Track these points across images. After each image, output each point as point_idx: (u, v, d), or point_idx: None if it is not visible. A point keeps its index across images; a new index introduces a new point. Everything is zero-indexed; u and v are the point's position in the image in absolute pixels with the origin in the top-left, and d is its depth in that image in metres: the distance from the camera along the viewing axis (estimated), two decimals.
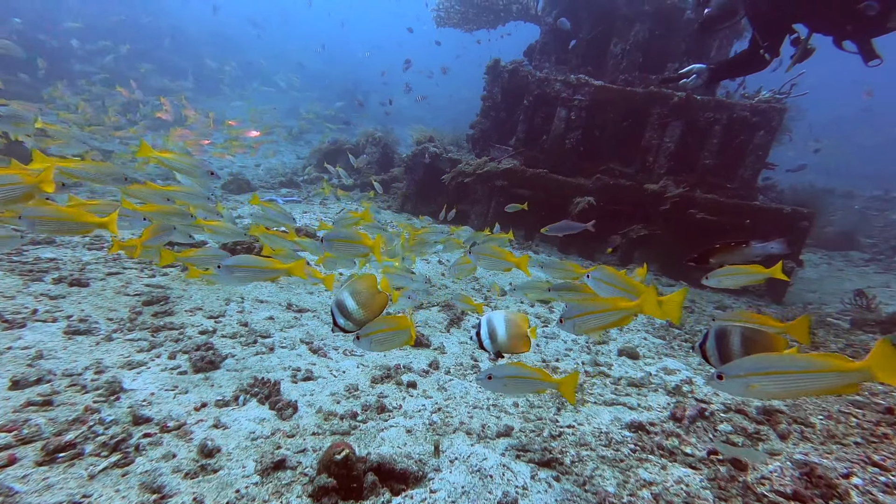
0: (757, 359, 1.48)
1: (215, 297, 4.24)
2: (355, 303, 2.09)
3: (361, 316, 2.10)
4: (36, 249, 4.68)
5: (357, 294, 2.10)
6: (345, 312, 2.08)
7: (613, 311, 2.06)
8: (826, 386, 1.41)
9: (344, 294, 2.09)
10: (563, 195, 8.58)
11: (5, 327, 3.02)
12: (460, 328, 4.48)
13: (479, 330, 2.13)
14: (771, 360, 1.45)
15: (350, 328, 2.11)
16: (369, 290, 2.13)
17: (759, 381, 1.44)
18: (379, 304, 2.15)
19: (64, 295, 3.70)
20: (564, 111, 8.60)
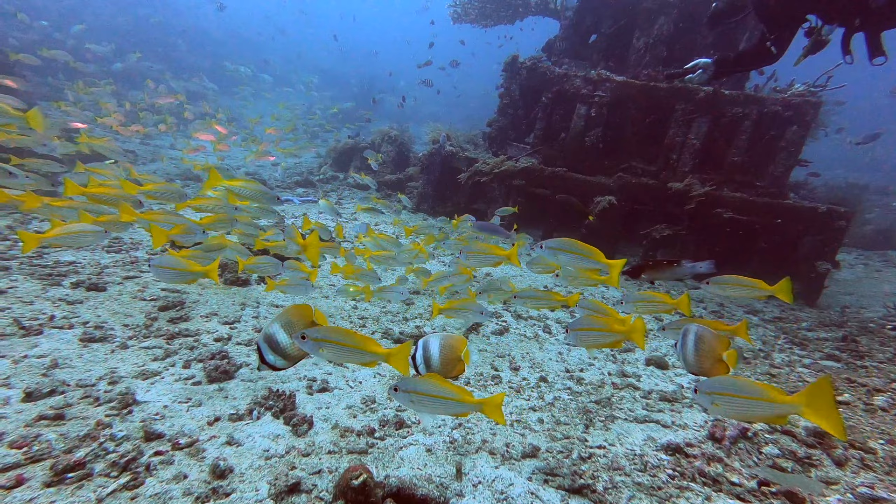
0: (723, 381, 1.66)
1: (230, 302, 4.19)
2: (288, 336, 1.81)
3: (294, 351, 1.82)
4: (56, 253, 4.70)
5: (291, 326, 1.82)
6: (276, 347, 1.79)
7: (609, 332, 2.19)
8: (763, 415, 1.55)
9: (275, 327, 1.81)
10: (583, 194, 8.34)
11: (23, 334, 3.00)
12: (479, 334, 4.33)
13: (415, 353, 2.00)
14: (732, 385, 1.63)
15: (281, 365, 1.83)
16: (304, 321, 1.85)
17: (720, 400, 1.63)
18: None
19: (81, 300, 3.68)
20: (584, 108, 8.35)
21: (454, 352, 2.00)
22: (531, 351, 4.06)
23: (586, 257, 2.55)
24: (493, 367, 3.63)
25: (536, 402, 3.12)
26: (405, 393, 1.75)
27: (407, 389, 1.75)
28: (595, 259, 2.55)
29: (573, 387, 3.38)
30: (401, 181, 11.19)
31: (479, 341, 4.14)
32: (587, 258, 2.55)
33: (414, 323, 4.36)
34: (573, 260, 2.58)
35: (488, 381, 3.40)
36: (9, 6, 16.32)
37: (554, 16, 10.57)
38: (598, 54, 9.07)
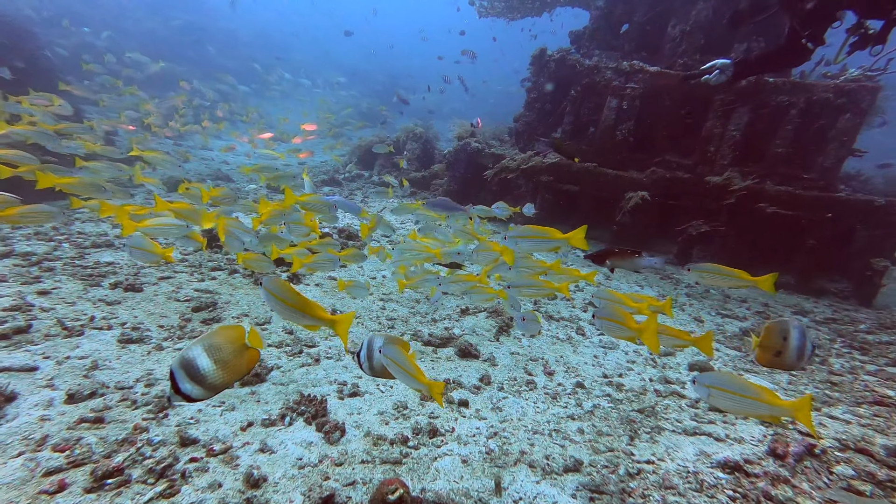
0: (722, 376, 1.76)
1: (260, 303, 4.20)
2: (211, 361, 1.54)
3: (218, 379, 1.55)
4: (96, 253, 4.84)
5: (215, 350, 1.55)
6: (195, 374, 1.51)
7: (626, 327, 2.17)
8: (760, 413, 1.71)
9: (196, 350, 1.53)
10: (614, 190, 8.06)
11: (66, 335, 3.06)
12: (510, 336, 4.21)
13: (360, 351, 1.93)
14: (731, 381, 1.74)
15: (198, 396, 1.54)
16: (233, 345, 1.59)
17: (717, 393, 1.74)
18: (246, 363, 1.63)
19: (119, 300, 3.76)
20: (615, 100, 8.04)
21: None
22: (565, 354, 3.91)
23: (544, 239, 2.65)
24: (526, 372, 3.50)
25: (574, 409, 2.98)
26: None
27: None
28: (552, 238, 2.64)
29: (613, 394, 3.22)
30: (426, 178, 11.12)
31: (510, 343, 4.01)
32: (545, 240, 2.65)
33: (443, 324, 4.28)
34: (534, 245, 2.68)
35: (522, 386, 3.28)
36: (49, 13, 17.14)
37: (583, 6, 10.24)
38: (631, 44, 8.73)
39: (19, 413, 2.21)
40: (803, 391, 3.26)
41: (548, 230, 2.73)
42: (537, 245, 2.71)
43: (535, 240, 2.69)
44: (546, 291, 3.04)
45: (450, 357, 3.67)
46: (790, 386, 3.50)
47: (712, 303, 5.77)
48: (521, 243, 2.69)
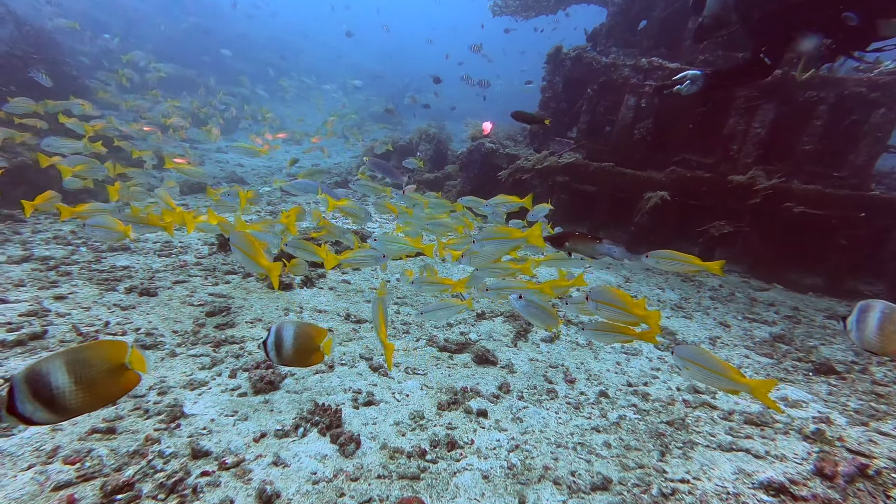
0: (697, 352, 1.95)
1: (274, 307, 4.15)
2: (71, 380, 1.29)
3: (75, 402, 1.29)
4: (112, 257, 4.85)
5: (80, 365, 1.30)
6: (43, 392, 1.24)
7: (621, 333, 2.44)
8: (722, 386, 1.90)
9: (54, 364, 1.28)
10: (632, 190, 7.86)
11: (80, 341, 3.04)
12: (528, 341, 4.08)
13: (267, 339, 1.90)
14: (703, 357, 1.93)
15: (42, 419, 1.28)
16: (105, 362, 1.36)
17: (690, 366, 1.93)
18: (119, 387, 1.40)
19: (134, 305, 3.74)
20: (633, 98, 7.85)
21: (309, 341, 1.92)
22: (586, 360, 3.77)
23: (504, 240, 2.81)
24: (546, 379, 3.37)
25: (599, 421, 2.84)
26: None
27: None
28: (513, 238, 2.80)
29: (639, 404, 3.07)
30: (438, 179, 11.03)
31: (528, 349, 3.88)
32: (505, 240, 2.81)
33: (458, 329, 4.17)
34: (498, 246, 2.84)
35: (543, 394, 3.15)
36: (71, 20, 17.53)
37: (600, 3, 10.04)
38: (649, 41, 8.51)
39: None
40: (846, 403, 3.06)
41: (508, 230, 2.96)
42: (500, 246, 2.85)
43: (498, 241, 2.83)
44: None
45: (466, 364, 3.56)
46: (830, 397, 3.30)
47: (738, 306, 5.56)
48: (486, 246, 2.82)
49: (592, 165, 7.93)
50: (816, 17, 3.34)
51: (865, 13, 3.16)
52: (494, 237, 2.84)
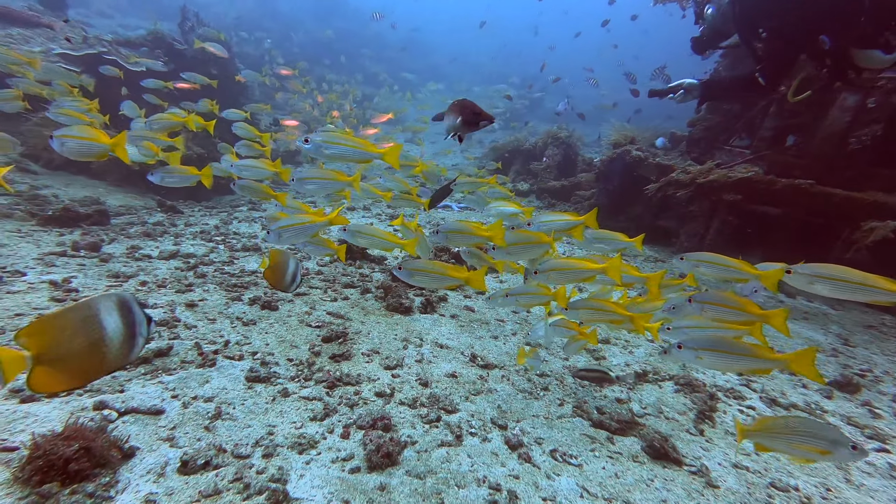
0: (707, 337, 1.90)
1: (392, 336, 3.65)
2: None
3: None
4: (244, 258, 4.86)
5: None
6: None
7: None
8: (748, 368, 1.83)
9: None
10: (840, 216, 5.94)
11: (200, 362, 2.81)
12: (717, 427, 2.96)
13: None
14: (719, 341, 1.85)
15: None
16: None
17: (706, 354, 1.84)
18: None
19: (255, 320, 3.52)
20: (854, 97, 5.90)
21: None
22: (829, 479, 2.54)
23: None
24: (768, 496, 2.27)
25: None
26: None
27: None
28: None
29: None
30: (566, 188, 9.94)
31: (722, 443, 2.77)
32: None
33: (613, 393, 3.21)
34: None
35: None
36: (231, 20, 20.12)
37: None
38: None
39: (129, 483, 1.84)
40: None
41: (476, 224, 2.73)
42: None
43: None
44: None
45: (635, 455, 2.61)
46: None
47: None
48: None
49: (781, 182, 6.18)
50: (803, 40, 3.17)
51: (836, 41, 3.04)
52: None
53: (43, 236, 4.37)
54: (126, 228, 5.14)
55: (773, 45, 3.27)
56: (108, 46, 7.41)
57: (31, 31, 7.08)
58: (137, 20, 18.46)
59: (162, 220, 5.79)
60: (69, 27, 7.64)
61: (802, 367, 1.74)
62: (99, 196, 6.09)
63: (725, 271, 2.28)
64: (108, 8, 18.50)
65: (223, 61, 9.84)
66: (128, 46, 8.44)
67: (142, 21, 17.98)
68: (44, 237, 4.35)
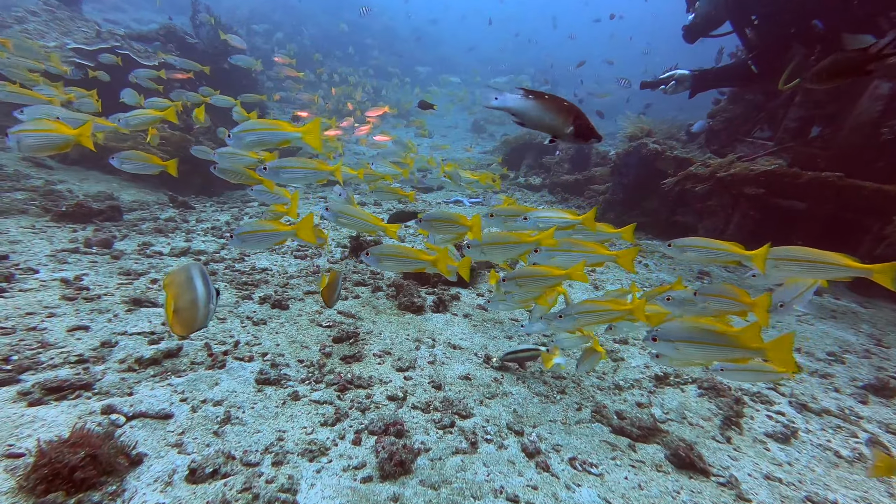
0: (685, 327, 1.83)
1: (405, 336, 3.57)
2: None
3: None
4: (255, 255, 4.82)
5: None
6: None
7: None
8: (727, 357, 1.80)
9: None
10: (871, 211, 5.68)
11: (209, 364, 2.76)
12: (745, 434, 2.83)
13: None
14: (695, 330, 1.81)
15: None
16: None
17: (683, 346, 1.81)
18: None
19: (265, 319, 3.46)
20: (888, 85, 5.61)
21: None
22: (870, 495, 2.40)
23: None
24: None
25: None
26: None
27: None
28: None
29: None
30: (579, 182, 9.75)
31: (751, 451, 2.64)
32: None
33: (631, 395, 3.09)
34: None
35: None
36: (243, 15, 20.08)
37: None
38: None
39: (136, 492, 1.79)
40: None
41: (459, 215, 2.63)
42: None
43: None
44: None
45: (659, 464, 2.50)
46: None
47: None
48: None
49: (806, 175, 5.93)
50: (795, 25, 3.11)
51: (830, 25, 3.04)
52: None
53: (56, 232, 4.38)
54: (138, 224, 5.14)
55: (766, 32, 3.22)
56: (120, 41, 7.40)
57: (45, 27, 7.10)
58: (151, 14, 18.56)
59: (174, 215, 5.78)
60: (83, 22, 7.65)
61: (779, 355, 1.74)
62: (113, 191, 6.10)
63: (713, 254, 2.29)
64: (122, 2, 18.59)
65: (234, 55, 9.80)
66: (140, 41, 8.44)
67: (154, 15, 18.07)
68: (57, 233, 4.35)
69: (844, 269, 1.93)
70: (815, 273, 2.01)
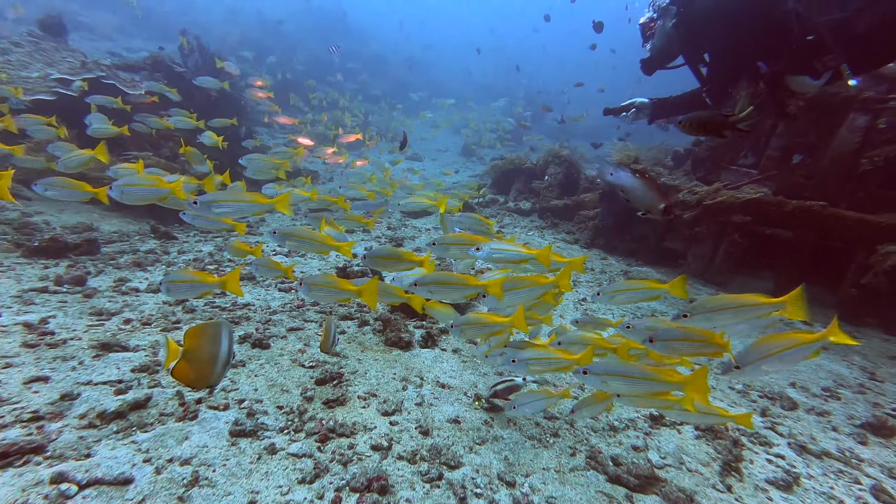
0: (615, 364, 2.05)
1: (391, 375, 3.42)
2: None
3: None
4: None
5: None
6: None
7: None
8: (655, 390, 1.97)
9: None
10: (854, 240, 5.74)
11: (180, 415, 2.59)
12: (745, 482, 2.71)
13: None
14: (622, 366, 2.01)
15: None
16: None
17: (611, 379, 1.99)
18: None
19: (244, 361, 3.30)
20: (864, 118, 5.77)
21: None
22: None
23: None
24: None
25: None
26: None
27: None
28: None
29: None
30: (569, 207, 9.78)
31: (753, 502, 2.52)
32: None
33: (626, 438, 2.97)
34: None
35: None
36: (234, 40, 20.29)
37: None
38: None
39: None
40: None
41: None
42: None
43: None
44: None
45: None
46: None
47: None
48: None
49: (791, 204, 6.00)
50: (741, 65, 3.29)
51: (771, 67, 3.18)
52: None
53: (27, 270, 4.19)
54: (116, 258, 4.96)
55: (716, 68, 3.42)
56: (106, 71, 7.36)
57: (29, 57, 7.03)
58: (142, 42, 18.69)
59: (155, 247, 5.62)
60: (69, 52, 7.61)
61: (696, 389, 1.87)
62: (92, 222, 5.94)
63: (639, 294, 2.40)
64: (112, 31, 18.72)
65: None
66: (127, 70, 8.41)
67: (145, 43, 18.20)
68: (27, 271, 4.17)
69: (763, 308, 1.88)
70: (740, 318, 1.96)
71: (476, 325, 2.51)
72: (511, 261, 2.60)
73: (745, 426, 2.11)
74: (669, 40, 3.64)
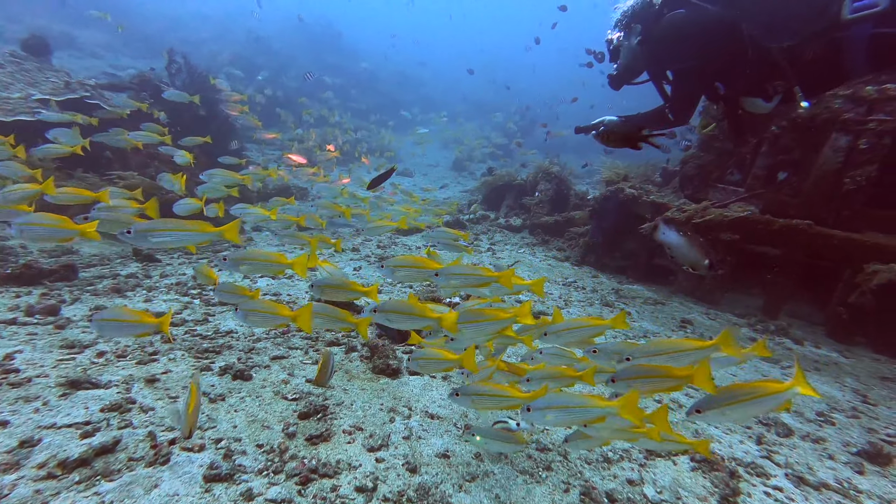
0: (555, 396, 2.08)
1: (378, 407, 3.30)
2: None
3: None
4: (220, 315, 4.53)
5: None
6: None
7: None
8: (590, 417, 2.03)
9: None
10: (840, 258, 5.78)
11: (151, 459, 2.44)
12: None
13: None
14: (560, 397, 2.07)
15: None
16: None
17: (552, 412, 2.03)
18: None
19: (224, 395, 3.16)
20: (846, 138, 5.86)
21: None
22: None
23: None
24: None
25: None
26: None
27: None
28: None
29: None
30: (559, 224, 9.80)
31: None
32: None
33: (621, 471, 2.88)
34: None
35: None
36: (225, 58, 20.26)
37: None
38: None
39: None
40: None
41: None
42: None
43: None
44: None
45: None
46: None
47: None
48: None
49: (778, 222, 6.05)
50: (701, 85, 3.46)
51: (728, 88, 3.36)
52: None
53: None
54: (94, 283, 4.80)
55: (679, 86, 3.56)
56: (91, 91, 7.26)
57: (11, 78, 6.92)
58: (129, 60, 18.63)
59: (136, 271, 5.46)
60: (53, 73, 7.51)
61: (628, 413, 1.92)
62: (72, 244, 5.77)
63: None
64: (99, 49, 18.65)
65: (210, 101, 9.78)
66: (113, 90, 8.33)
67: (133, 61, 18.14)
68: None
69: (696, 353, 1.96)
70: (678, 363, 2.01)
71: (432, 361, 2.49)
72: (471, 284, 2.56)
73: (703, 453, 2.19)
74: (635, 58, 3.74)
